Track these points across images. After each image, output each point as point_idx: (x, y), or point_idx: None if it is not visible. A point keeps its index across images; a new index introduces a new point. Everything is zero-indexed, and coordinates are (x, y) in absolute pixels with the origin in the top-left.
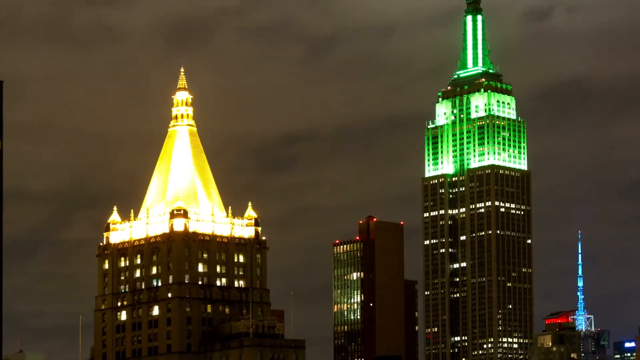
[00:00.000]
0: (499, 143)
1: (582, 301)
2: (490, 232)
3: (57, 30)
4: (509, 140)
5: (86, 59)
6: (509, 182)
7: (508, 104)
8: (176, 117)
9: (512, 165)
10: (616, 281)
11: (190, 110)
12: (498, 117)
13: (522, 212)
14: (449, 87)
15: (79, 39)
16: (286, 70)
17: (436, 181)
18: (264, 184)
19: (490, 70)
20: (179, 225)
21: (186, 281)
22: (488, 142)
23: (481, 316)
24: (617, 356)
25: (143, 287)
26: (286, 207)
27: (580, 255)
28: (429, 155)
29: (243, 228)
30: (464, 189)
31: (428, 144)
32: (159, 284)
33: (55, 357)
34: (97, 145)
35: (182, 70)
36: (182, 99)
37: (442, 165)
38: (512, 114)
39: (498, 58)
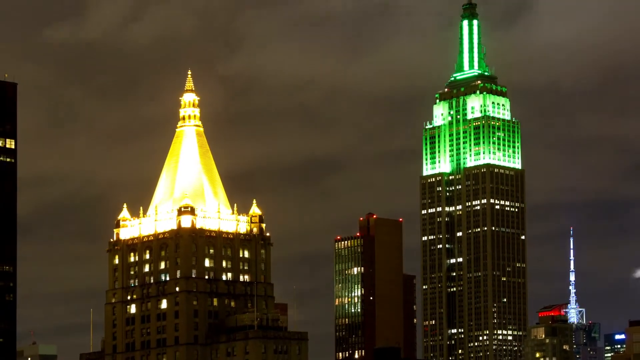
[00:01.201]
0: (494, 143)
1: (574, 295)
2: (485, 228)
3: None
4: (504, 140)
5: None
6: (503, 180)
7: (503, 105)
8: (184, 118)
9: (506, 164)
10: (607, 275)
11: (197, 112)
12: (493, 117)
13: (516, 209)
14: (445, 89)
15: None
16: None
17: (434, 179)
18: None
19: (486, 73)
20: (186, 221)
21: (193, 276)
22: (483, 142)
23: (477, 309)
24: (608, 348)
25: (152, 281)
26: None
27: (572, 251)
28: (426, 154)
29: (248, 224)
30: (460, 187)
31: (426, 144)
32: (167, 279)
33: (67, 350)
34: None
35: (189, 73)
36: (189, 100)
37: (439, 164)
38: (507, 115)
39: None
